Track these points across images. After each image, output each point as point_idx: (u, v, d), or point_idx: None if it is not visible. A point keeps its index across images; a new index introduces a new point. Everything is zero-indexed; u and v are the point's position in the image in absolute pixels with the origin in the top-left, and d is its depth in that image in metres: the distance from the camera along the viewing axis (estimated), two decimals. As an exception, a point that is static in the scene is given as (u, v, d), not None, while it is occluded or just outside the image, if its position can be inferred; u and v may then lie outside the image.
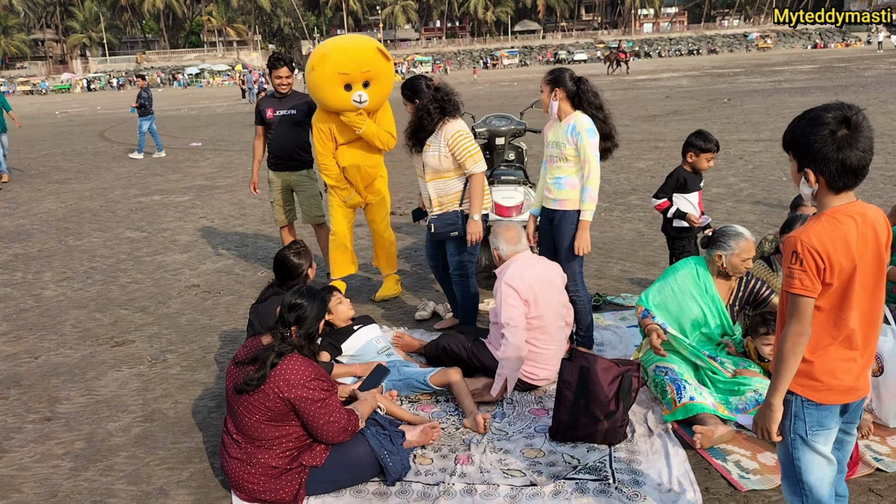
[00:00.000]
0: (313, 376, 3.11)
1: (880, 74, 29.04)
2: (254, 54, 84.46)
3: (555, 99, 4.34)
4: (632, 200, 9.21)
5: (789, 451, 2.31)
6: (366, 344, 4.35)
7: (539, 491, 3.16)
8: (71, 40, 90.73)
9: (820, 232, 2.10)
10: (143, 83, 16.53)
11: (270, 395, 3.06)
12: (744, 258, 3.90)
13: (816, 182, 2.14)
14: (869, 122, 2.10)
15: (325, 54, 5.19)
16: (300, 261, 4.21)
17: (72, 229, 9.29)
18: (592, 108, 4.35)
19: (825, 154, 2.08)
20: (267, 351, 3.12)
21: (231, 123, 24.55)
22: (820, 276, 2.10)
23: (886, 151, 11.12)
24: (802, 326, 2.14)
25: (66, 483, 3.48)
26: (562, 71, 4.38)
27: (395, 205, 9.55)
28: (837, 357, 2.21)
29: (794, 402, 2.24)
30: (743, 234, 3.92)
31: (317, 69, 5.20)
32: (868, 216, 2.16)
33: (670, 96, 24.86)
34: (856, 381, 2.25)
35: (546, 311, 4.05)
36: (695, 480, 3.20)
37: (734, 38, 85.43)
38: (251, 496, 3.17)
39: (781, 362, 2.18)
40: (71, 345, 5.29)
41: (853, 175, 2.10)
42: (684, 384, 3.71)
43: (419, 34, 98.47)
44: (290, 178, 6.20)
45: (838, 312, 2.17)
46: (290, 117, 6.05)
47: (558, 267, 4.30)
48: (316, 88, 5.28)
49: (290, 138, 6.08)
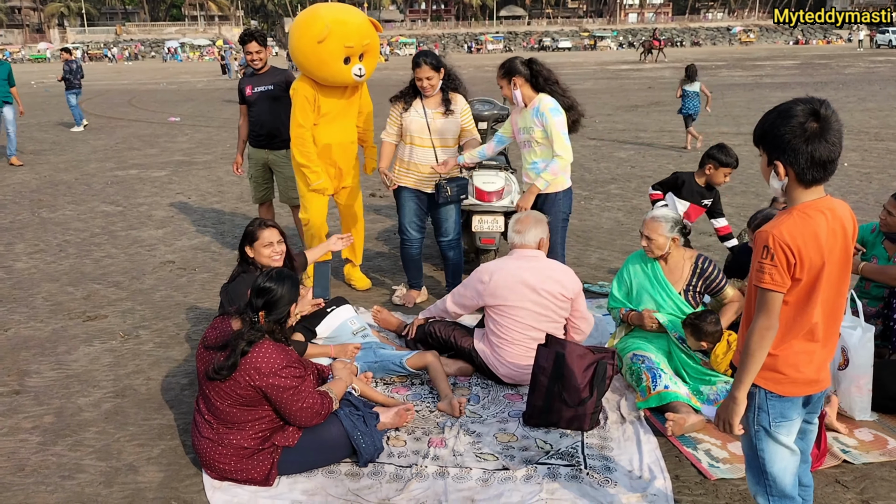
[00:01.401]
0: (285, 364, 3.06)
1: (860, 72, 29.35)
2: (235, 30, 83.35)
3: (515, 88, 4.46)
4: (611, 189, 9.24)
5: (753, 442, 2.34)
6: (340, 325, 4.33)
7: (511, 475, 3.17)
8: (49, 9, 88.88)
9: (791, 227, 2.11)
10: (68, 56, 16.81)
11: (241, 384, 3.02)
12: (647, 235, 4.01)
13: (786, 175, 2.15)
14: (838, 116, 2.12)
15: (330, 29, 4.91)
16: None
17: (46, 201, 9.14)
18: (550, 85, 4.47)
19: (795, 146, 2.10)
20: (237, 339, 3.06)
21: (211, 99, 24.26)
22: (790, 271, 2.12)
23: (863, 149, 11.24)
24: (770, 321, 2.16)
25: (33, 457, 3.44)
26: (511, 61, 4.54)
27: (375, 187, 9.51)
28: (800, 350, 2.23)
29: (758, 394, 2.27)
30: (650, 214, 4.05)
31: (324, 43, 4.92)
32: (837, 211, 2.18)
33: (652, 87, 24.92)
34: (817, 374, 2.28)
35: (517, 313, 3.93)
36: (665, 468, 3.23)
37: (718, 31, 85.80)
38: (222, 475, 3.15)
39: (748, 356, 2.19)
40: (42, 318, 5.22)
41: (822, 168, 2.11)
42: (660, 373, 3.74)
43: (404, 16, 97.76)
44: (269, 157, 6.09)
45: (804, 307, 2.19)
46: (268, 93, 5.96)
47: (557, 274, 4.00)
48: (320, 62, 5.00)
49: (269, 114, 5.96)
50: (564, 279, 3.98)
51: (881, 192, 8.40)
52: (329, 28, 4.89)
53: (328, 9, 5.14)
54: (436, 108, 4.95)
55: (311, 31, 4.97)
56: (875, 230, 4.24)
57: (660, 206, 4.87)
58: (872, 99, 18.88)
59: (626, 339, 4.16)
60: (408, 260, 5.31)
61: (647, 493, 3.05)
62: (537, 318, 3.93)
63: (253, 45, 5.87)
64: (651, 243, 4.00)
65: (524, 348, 3.92)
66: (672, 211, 4.10)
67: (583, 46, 75.90)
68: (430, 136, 4.92)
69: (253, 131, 6.10)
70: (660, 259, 4.08)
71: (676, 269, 4.08)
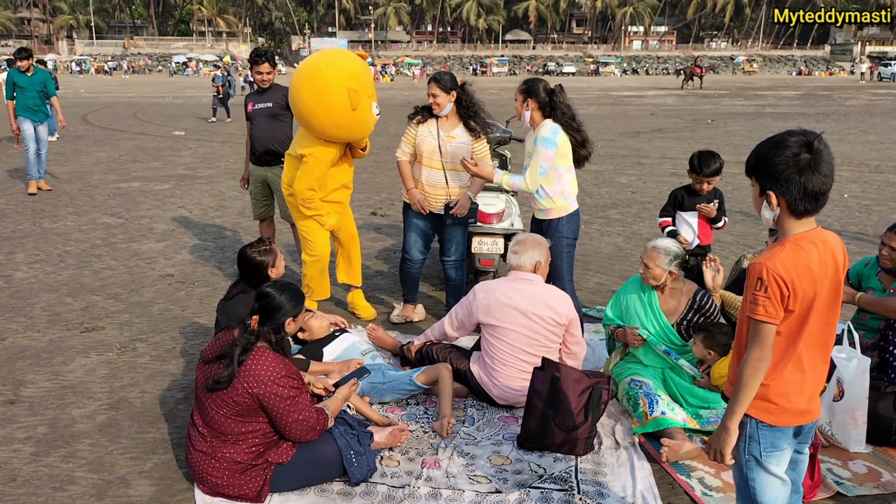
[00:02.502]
0: (284, 373, 3.08)
1: (861, 104, 29.51)
2: (243, 46, 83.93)
3: (527, 109, 4.48)
4: (612, 214, 9.27)
5: (744, 472, 2.34)
6: (349, 347, 4.30)
7: (504, 498, 3.16)
8: (58, 21, 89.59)
9: (785, 259, 2.13)
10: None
11: (239, 390, 3.03)
12: (645, 263, 4.01)
13: (778, 206, 2.17)
14: (830, 150, 2.15)
15: (353, 89, 4.72)
16: (262, 258, 4.01)
17: (48, 211, 9.17)
18: (566, 119, 4.46)
19: (788, 176, 2.12)
20: (231, 346, 3.08)
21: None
22: (783, 302, 2.13)
23: (864, 180, 11.29)
24: (763, 352, 2.17)
25: (26, 468, 3.43)
26: (535, 82, 4.53)
27: (377, 205, 9.54)
28: (790, 380, 2.24)
29: (749, 423, 2.27)
30: (652, 243, 4.05)
31: (357, 109, 4.77)
32: (828, 242, 2.20)
33: (655, 114, 25.07)
34: (808, 404, 2.29)
35: (508, 335, 3.93)
36: (658, 495, 3.22)
37: (721, 59, 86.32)
38: (214, 490, 3.14)
39: (741, 387, 2.20)
40: (39, 328, 5.22)
41: (814, 199, 2.13)
42: (657, 398, 3.74)
43: (410, 37, 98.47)
44: (267, 174, 6.11)
45: (795, 337, 2.20)
46: (267, 110, 6.00)
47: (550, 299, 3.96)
48: (360, 127, 4.93)
49: (267, 131, 6.00)
50: (557, 305, 3.93)
51: (880, 224, 8.42)
52: (350, 89, 4.72)
53: (331, 68, 4.82)
54: (449, 132, 4.98)
55: (339, 101, 4.73)
56: (870, 263, 4.26)
57: (669, 230, 4.88)
58: (873, 131, 18.97)
59: (622, 364, 4.16)
60: (406, 278, 5.33)
61: (640, 520, 3.04)
62: (528, 342, 3.92)
63: (265, 66, 5.94)
64: (648, 271, 4.02)
65: (516, 370, 3.92)
66: (675, 244, 4.08)
67: (587, 72, 76.38)
68: (440, 158, 4.96)
69: (252, 148, 6.14)
70: (657, 288, 4.10)
71: (672, 300, 4.10)
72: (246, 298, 3.80)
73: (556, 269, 4.40)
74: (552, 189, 4.47)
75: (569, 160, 4.47)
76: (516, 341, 3.92)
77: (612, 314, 4.27)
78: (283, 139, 6.02)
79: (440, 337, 4.37)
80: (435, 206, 5.05)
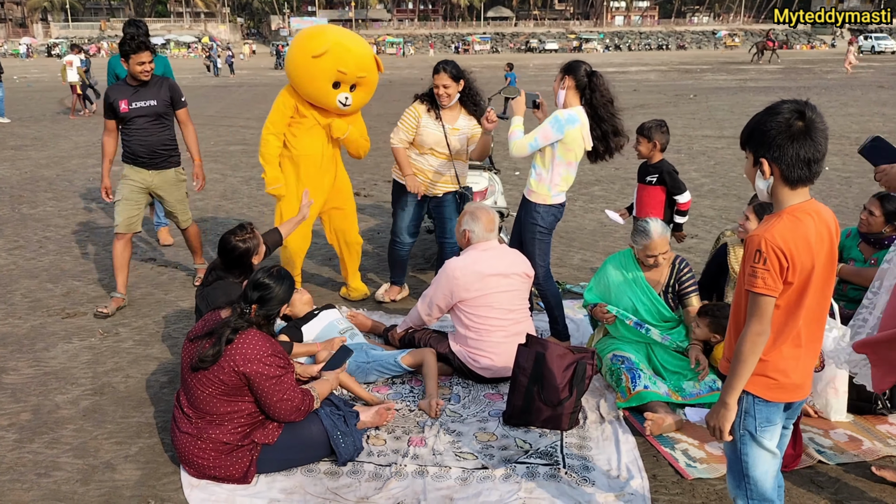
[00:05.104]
0: (270, 352, 3.08)
1: (842, 78, 29.62)
2: (221, 27, 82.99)
3: (562, 88, 4.27)
4: (595, 191, 9.28)
5: (737, 446, 2.33)
6: (327, 326, 4.32)
7: (490, 474, 3.18)
8: (31, 3, 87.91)
9: (783, 230, 2.11)
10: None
11: (225, 369, 3.02)
12: (647, 254, 4.01)
13: (771, 174, 2.16)
14: (823, 118, 2.14)
15: (328, 48, 4.74)
16: (247, 246, 3.94)
17: (26, 197, 9.05)
18: (604, 101, 4.26)
19: (780, 142, 2.11)
20: (223, 326, 3.08)
21: (195, 97, 24.06)
22: (782, 275, 2.11)
23: (844, 153, 11.35)
24: (763, 326, 2.14)
25: (9, 455, 3.41)
26: (578, 63, 4.31)
27: (360, 186, 9.49)
28: (788, 355, 2.23)
29: (745, 399, 2.25)
30: (649, 234, 3.97)
31: (318, 60, 4.74)
32: (822, 214, 2.18)
33: (638, 90, 25.05)
34: (803, 379, 2.28)
35: (493, 300, 4.00)
36: (643, 467, 3.26)
37: (703, 34, 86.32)
38: (201, 472, 3.14)
39: (740, 362, 2.17)
40: (20, 315, 5.17)
41: (807, 166, 2.11)
42: (639, 373, 3.78)
43: (391, 15, 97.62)
44: (154, 180, 5.33)
45: (794, 311, 2.18)
46: (151, 109, 5.20)
47: (512, 255, 4.19)
48: (309, 77, 4.81)
49: (153, 135, 5.25)
50: (521, 260, 4.20)
51: (861, 197, 8.50)
52: (328, 47, 4.73)
53: (336, 31, 4.99)
54: (453, 124, 4.94)
55: (309, 45, 4.80)
56: (851, 234, 4.29)
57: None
58: (854, 104, 19.06)
59: (605, 340, 4.19)
60: (395, 260, 5.32)
61: (625, 493, 3.07)
62: (511, 300, 4.06)
63: (145, 54, 5.08)
64: (662, 256, 4.02)
65: (504, 333, 4.00)
66: (660, 224, 4.06)
67: (569, 48, 76.03)
68: (448, 150, 4.94)
69: (131, 152, 5.30)
70: (644, 267, 4.10)
71: (657, 271, 4.11)
72: (224, 285, 3.79)
73: (528, 254, 4.34)
74: (541, 172, 4.29)
75: (571, 155, 4.25)
76: (503, 303, 4.02)
77: (590, 299, 4.27)
78: (172, 141, 5.42)
79: (419, 324, 4.36)
80: (433, 191, 5.04)
